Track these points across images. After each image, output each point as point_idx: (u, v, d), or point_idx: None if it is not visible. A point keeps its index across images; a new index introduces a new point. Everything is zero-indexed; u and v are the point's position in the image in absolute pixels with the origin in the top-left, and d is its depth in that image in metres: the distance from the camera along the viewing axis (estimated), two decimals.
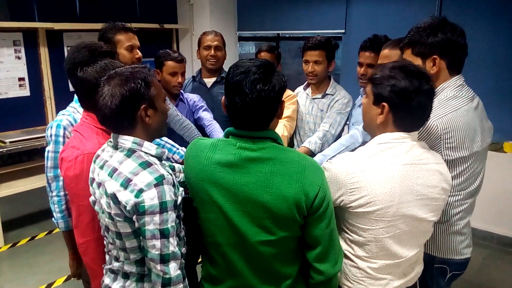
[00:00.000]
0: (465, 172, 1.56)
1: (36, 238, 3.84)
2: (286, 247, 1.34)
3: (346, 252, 1.43)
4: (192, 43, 5.31)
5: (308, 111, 2.59)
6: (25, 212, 4.35)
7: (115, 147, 1.34)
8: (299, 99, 2.67)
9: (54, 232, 3.93)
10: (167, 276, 1.26)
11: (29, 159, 4.83)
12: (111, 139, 1.36)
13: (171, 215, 1.26)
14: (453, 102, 1.55)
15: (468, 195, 1.62)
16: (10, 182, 3.87)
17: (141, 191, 1.22)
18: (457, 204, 1.60)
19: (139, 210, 1.22)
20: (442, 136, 1.49)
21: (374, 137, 1.42)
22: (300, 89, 2.74)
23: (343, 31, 4.38)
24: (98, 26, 2.26)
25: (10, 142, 3.76)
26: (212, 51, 2.69)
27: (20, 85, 4.25)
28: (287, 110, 2.55)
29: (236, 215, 1.29)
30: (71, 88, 1.71)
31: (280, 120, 2.48)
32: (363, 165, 1.33)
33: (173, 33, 5.43)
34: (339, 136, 2.48)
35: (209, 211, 1.33)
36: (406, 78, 1.31)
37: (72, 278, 3.14)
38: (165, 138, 2.03)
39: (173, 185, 1.29)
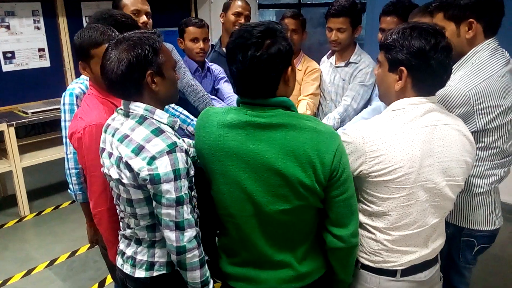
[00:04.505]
0: (498, 141, 1.49)
1: (60, 207, 3.93)
2: (303, 216, 1.31)
3: (364, 224, 1.40)
4: (210, 11, 5.19)
5: (330, 80, 2.48)
6: (49, 182, 4.43)
7: (126, 114, 1.31)
8: (322, 68, 2.56)
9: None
10: (182, 244, 1.26)
11: (51, 129, 4.90)
12: (122, 107, 1.33)
13: (184, 183, 1.26)
14: (487, 68, 1.45)
15: (500, 164, 1.55)
16: (34, 152, 3.93)
17: (153, 158, 1.21)
18: (488, 174, 1.54)
19: (154, 178, 1.21)
20: (475, 107, 1.41)
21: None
22: (324, 58, 2.63)
23: None
24: None
25: (33, 113, 3.80)
26: (243, 20, 2.59)
27: (40, 56, 4.26)
28: (311, 87, 2.46)
29: (251, 184, 1.26)
30: None
31: (303, 98, 2.44)
32: (380, 132, 1.28)
33: (191, 1, 5.32)
34: (362, 109, 2.37)
35: (221, 182, 1.30)
36: (420, 37, 1.25)
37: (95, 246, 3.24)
38: (180, 109, 2.00)
39: (186, 153, 1.28)
